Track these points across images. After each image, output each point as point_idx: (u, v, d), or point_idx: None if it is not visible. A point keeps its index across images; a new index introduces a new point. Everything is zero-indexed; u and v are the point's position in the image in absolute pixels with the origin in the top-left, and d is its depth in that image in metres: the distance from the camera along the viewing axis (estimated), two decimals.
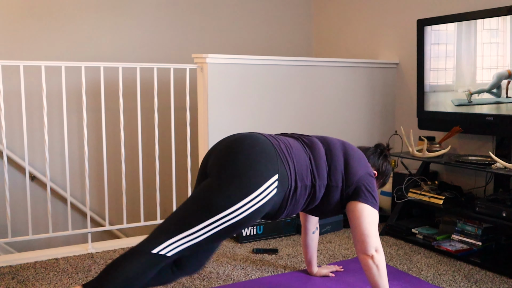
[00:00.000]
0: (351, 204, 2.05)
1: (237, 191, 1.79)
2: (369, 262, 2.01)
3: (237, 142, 1.91)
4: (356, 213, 2.03)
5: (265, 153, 1.87)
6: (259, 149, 1.88)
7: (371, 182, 2.09)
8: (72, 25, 3.77)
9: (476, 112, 3.02)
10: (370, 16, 4.03)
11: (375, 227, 2.04)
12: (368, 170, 2.11)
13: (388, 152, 2.35)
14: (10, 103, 3.34)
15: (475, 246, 2.83)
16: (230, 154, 1.87)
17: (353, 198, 2.05)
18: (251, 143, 1.89)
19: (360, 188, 2.04)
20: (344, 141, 2.17)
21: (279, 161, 1.89)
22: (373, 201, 2.05)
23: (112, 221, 3.59)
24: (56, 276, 2.53)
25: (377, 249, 2.02)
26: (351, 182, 2.04)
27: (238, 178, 1.81)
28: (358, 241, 2.03)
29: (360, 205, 2.03)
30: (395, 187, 3.37)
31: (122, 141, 3.07)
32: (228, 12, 4.30)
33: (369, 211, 2.03)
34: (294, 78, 3.44)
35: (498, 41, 2.88)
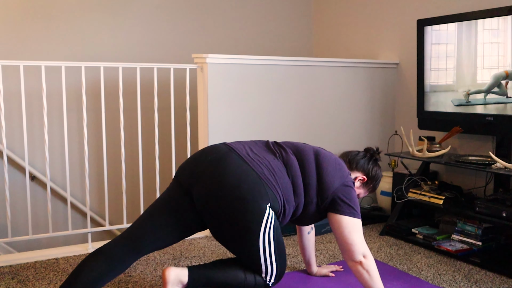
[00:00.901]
0: (329, 216, 2.10)
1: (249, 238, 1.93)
2: (358, 268, 2.04)
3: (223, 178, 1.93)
4: (335, 224, 2.07)
5: (250, 187, 1.92)
6: (244, 185, 1.92)
7: (347, 192, 2.08)
8: (72, 25, 3.77)
9: (476, 112, 3.02)
10: (370, 16, 4.03)
11: (358, 234, 2.05)
12: (344, 181, 2.10)
13: (378, 156, 2.34)
14: (10, 103, 3.34)
15: (475, 246, 2.83)
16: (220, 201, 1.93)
17: (330, 210, 2.08)
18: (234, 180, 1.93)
19: (335, 201, 2.06)
20: (319, 150, 2.16)
21: (267, 189, 1.94)
22: (350, 210, 2.06)
23: (112, 221, 3.59)
24: (56, 276, 2.53)
25: (365, 254, 2.04)
26: (325, 196, 2.06)
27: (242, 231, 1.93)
28: (344, 249, 2.07)
29: (338, 217, 2.06)
30: (395, 187, 3.37)
31: (122, 141, 3.07)
32: (228, 12, 4.30)
33: (347, 221, 2.05)
34: (294, 78, 3.44)
35: (499, 41, 2.88)
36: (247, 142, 2.14)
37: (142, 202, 3.18)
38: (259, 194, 1.92)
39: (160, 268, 2.63)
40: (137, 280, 2.46)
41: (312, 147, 2.18)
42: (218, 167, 1.96)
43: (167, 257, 2.80)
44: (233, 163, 1.96)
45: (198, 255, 2.84)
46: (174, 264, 2.69)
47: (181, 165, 2.12)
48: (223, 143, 2.11)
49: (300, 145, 2.17)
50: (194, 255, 2.84)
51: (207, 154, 2.05)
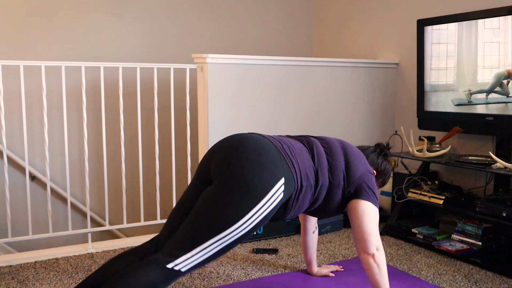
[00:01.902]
0: (353, 202, 2.04)
1: (246, 201, 1.79)
2: (370, 261, 2.00)
3: (240, 146, 1.88)
4: (358, 210, 2.02)
5: (269, 157, 1.85)
6: (262, 152, 1.86)
7: (372, 179, 2.09)
8: (72, 25, 3.77)
9: (476, 112, 3.02)
10: (370, 16, 4.03)
11: (376, 225, 2.04)
12: (368, 168, 2.11)
13: (388, 151, 2.35)
14: (10, 103, 3.34)
15: (475, 246, 2.83)
16: (234, 161, 1.84)
17: (354, 196, 2.04)
18: (254, 147, 1.87)
19: (361, 186, 2.04)
20: (342, 140, 2.17)
21: (284, 163, 1.87)
22: (374, 198, 2.05)
23: (112, 221, 3.59)
24: (56, 276, 2.53)
25: (378, 247, 2.01)
26: (352, 180, 2.03)
27: (244, 187, 1.79)
28: (360, 239, 2.02)
29: (363, 203, 2.02)
30: (395, 187, 3.37)
31: (122, 141, 3.07)
32: (228, 12, 4.30)
33: (371, 209, 2.03)
34: (294, 78, 3.44)
35: (500, 40, 2.88)
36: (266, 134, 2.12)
37: (142, 202, 3.18)
38: (275, 165, 1.84)
39: None
40: None
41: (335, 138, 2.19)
42: (238, 139, 1.92)
43: None
44: (254, 137, 1.94)
45: None
46: None
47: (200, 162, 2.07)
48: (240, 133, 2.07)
49: (322, 136, 2.18)
50: None
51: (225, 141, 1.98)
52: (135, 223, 3.21)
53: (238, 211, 1.78)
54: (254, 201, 1.79)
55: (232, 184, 1.80)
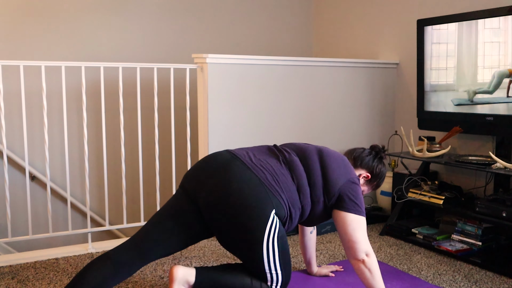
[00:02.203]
0: (335, 213, 2.09)
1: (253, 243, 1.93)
2: (360, 266, 2.04)
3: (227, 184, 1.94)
4: (340, 221, 2.06)
5: (256, 194, 1.93)
6: (249, 192, 1.92)
7: (353, 189, 2.09)
8: (72, 25, 3.77)
9: (476, 112, 3.02)
10: (370, 16, 4.03)
11: (362, 232, 2.05)
12: (349, 177, 2.10)
13: (383, 154, 2.34)
14: (10, 103, 3.34)
15: (475, 246, 2.83)
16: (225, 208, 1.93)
17: (336, 207, 2.08)
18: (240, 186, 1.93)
19: (341, 198, 2.06)
20: (322, 148, 2.16)
21: (271, 195, 1.94)
22: (356, 208, 2.06)
23: (112, 221, 3.59)
24: (56, 276, 2.53)
25: (368, 253, 2.04)
26: (332, 193, 2.06)
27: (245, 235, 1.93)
28: (347, 247, 2.06)
29: (343, 214, 2.05)
30: (395, 187, 3.37)
31: (122, 141, 3.07)
32: (228, 12, 4.30)
33: (352, 219, 2.05)
34: (294, 78, 3.44)
35: (500, 40, 2.88)
36: (250, 148, 2.14)
37: (142, 202, 3.18)
38: (263, 201, 1.92)
39: (160, 268, 2.63)
40: (137, 280, 2.46)
41: (315, 146, 2.18)
42: (222, 174, 1.97)
43: (167, 257, 2.80)
44: (237, 170, 1.96)
45: (198, 255, 2.84)
46: (174, 264, 2.69)
47: (186, 173, 2.12)
48: (226, 150, 2.10)
49: (302, 145, 2.17)
50: (194, 255, 2.84)
51: (211, 161, 2.05)
52: (135, 223, 3.21)
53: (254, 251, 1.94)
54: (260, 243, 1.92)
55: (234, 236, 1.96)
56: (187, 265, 2.70)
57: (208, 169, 2.03)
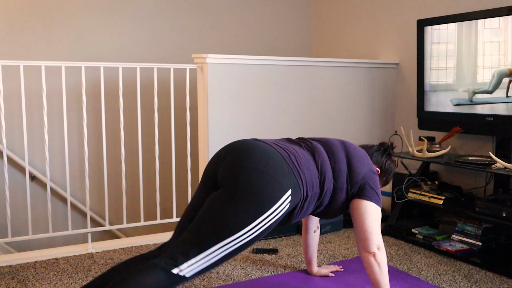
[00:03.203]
0: (355, 202, 2.06)
1: (253, 210, 1.80)
2: (371, 260, 2.02)
3: (248, 155, 1.88)
4: (361, 210, 2.03)
5: (277, 168, 1.86)
6: (271, 163, 1.87)
7: (375, 179, 2.10)
8: (72, 25, 3.77)
9: (476, 112, 3.02)
10: (370, 16, 4.03)
11: (378, 225, 2.05)
12: (371, 167, 2.12)
13: (392, 150, 2.36)
14: (10, 103, 3.34)
15: (475, 246, 2.83)
16: (242, 170, 1.84)
17: (357, 196, 2.05)
18: (262, 157, 1.87)
19: (364, 186, 2.05)
20: (344, 140, 2.18)
21: (291, 174, 1.89)
22: (377, 198, 2.06)
23: (112, 221, 3.59)
24: (56, 276, 2.53)
25: (379, 247, 2.03)
26: (355, 180, 2.04)
27: (252, 196, 1.80)
28: (361, 238, 2.03)
29: (365, 203, 2.04)
30: (395, 187, 3.37)
31: (122, 141, 3.07)
32: (228, 12, 4.30)
33: (373, 208, 2.04)
34: (294, 78, 3.44)
35: (500, 40, 2.88)
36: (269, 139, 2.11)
37: (142, 202, 3.18)
38: (283, 177, 1.86)
39: None
40: None
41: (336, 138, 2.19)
42: (246, 147, 1.92)
43: None
44: (262, 146, 1.94)
45: None
46: None
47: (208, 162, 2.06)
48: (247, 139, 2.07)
49: (325, 137, 2.18)
50: None
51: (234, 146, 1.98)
52: (135, 223, 3.21)
53: (244, 220, 1.78)
54: (261, 211, 1.81)
55: (240, 192, 1.81)
56: None
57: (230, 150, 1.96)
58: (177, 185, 3.34)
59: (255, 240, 1.85)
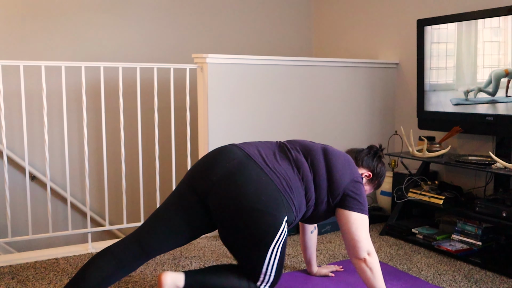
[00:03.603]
0: (338, 212, 2.09)
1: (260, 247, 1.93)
2: (362, 265, 2.05)
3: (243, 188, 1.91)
4: (343, 220, 2.07)
5: (272, 201, 1.92)
6: (265, 198, 1.91)
7: (357, 188, 2.09)
8: (72, 25, 3.77)
9: (476, 112, 3.02)
10: (370, 16, 4.03)
11: (365, 231, 2.06)
12: (353, 176, 2.11)
13: (381, 153, 2.35)
14: (10, 103, 3.34)
15: (475, 246, 2.83)
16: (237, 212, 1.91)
17: (339, 206, 2.08)
18: (257, 192, 1.91)
19: (345, 197, 2.07)
20: (327, 147, 2.15)
21: (285, 202, 1.94)
22: (359, 206, 2.06)
23: (112, 221, 3.59)
24: (56, 276, 2.53)
25: (369, 252, 2.04)
26: (336, 193, 2.06)
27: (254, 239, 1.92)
28: (349, 246, 2.07)
29: (347, 213, 2.06)
30: (395, 187, 3.37)
31: (122, 141, 3.07)
32: (228, 12, 4.30)
33: (356, 217, 2.05)
34: (294, 78, 3.44)
35: (499, 40, 2.88)
36: (259, 144, 2.10)
37: (142, 202, 3.18)
38: (277, 207, 1.92)
39: (160, 268, 2.63)
40: (137, 280, 2.46)
41: (320, 145, 2.17)
42: (237, 176, 1.93)
43: (167, 257, 2.80)
44: (253, 174, 1.94)
45: (198, 255, 2.84)
46: (174, 264, 2.69)
47: (193, 168, 2.09)
48: (235, 146, 2.06)
49: (308, 144, 2.15)
50: (194, 255, 2.84)
51: (222, 159, 1.99)
52: (135, 223, 3.21)
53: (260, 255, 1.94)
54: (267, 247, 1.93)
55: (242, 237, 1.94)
56: (187, 265, 2.70)
57: (220, 167, 1.97)
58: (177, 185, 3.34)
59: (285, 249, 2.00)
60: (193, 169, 2.08)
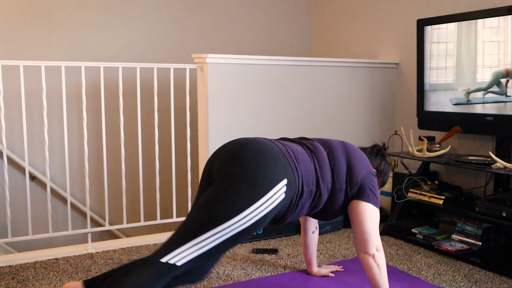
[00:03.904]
0: (353, 203, 2.06)
1: (246, 196, 1.77)
2: (370, 261, 2.02)
3: (244, 146, 1.90)
4: (359, 211, 2.03)
5: (274, 157, 1.86)
6: (267, 153, 1.87)
7: (373, 180, 2.10)
8: (72, 25, 3.77)
9: (476, 112, 3.02)
10: (370, 16, 4.03)
11: (377, 226, 2.05)
12: (370, 169, 2.12)
13: (385, 151, 2.36)
14: (10, 103, 3.34)
15: (475, 246, 2.83)
16: (237, 159, 1.85)
17: (356, 197, 2.05)
18: (258, 148, 1.88)
19: (363, 187, 2.05)
20: (344, 141, 2.18)
21: (287, 166, 1.88)
22: (375, 200, 2.06)
23: (112, 221, 3.59)
24: (56, 276, 2.53)
25: (378, 248, 2.03)
26: (355, 182, 2.04)
27: (246, 182, 1.79)
28: (360, 240, 2.03)
29: (363, 204, 2.04)
30: (395, 187, 3.37)
31: (122, 141, 3.07)
32: (228, 12, 4.30)
33: (372, 210, 2.04)
34: (294, 78, 3.44)
35: (499, 40, 2.88)
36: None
37: (142, 202, 3.18)
38: (279, 166, 1.85)
39: None
40: None
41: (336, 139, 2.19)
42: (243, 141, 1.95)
43: None
44: (259, 139, 1.96)
45: None
46: None
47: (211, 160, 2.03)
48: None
49: (326, 139, 2.17)
50: None
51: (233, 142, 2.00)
52: (135, 223, 3.21)
53: (237, 205, 1.76)
54: (255, 197, 1.78)
55: (234, 179, 1.80)
56: None
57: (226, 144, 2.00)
58: (177, 185, 3.34)
59: (249, 231, 1.80)
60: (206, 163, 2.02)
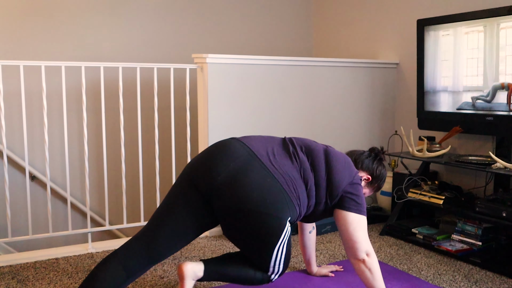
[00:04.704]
0: (336, 212, 2.10)
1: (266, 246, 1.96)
2: (361, 266, 2.05)
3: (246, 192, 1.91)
4: (341, 220, 2.07)
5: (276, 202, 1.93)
6: (269, 200, 1.92)
7: (355, 189, 2.09)
8: (72, 25, 3.77)
9: (476, 112, 3.02)
10: (370, 16, 4.03)
11: (363, 231, 2.06)
12: (353, 178, 2.10)
13: (383, 155, 2.34)
14: (10, 103, 3.34)
15: (475, 246, 2.83)
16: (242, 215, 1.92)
17: (337, 207, 2.09)
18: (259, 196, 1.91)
19: (343, 198, 2.07)
20: (328, 149, 2.14)
21: (290, 202, 1.96)
22: (357, 207, 2.06)
23: (112, 221, 3.59)
24: (56, 276, 2.53)
25: (368, 252, 2.04)
26: (335, 194, 2.07)
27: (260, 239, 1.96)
28: (348, 246, 2.07)
29: (344, 213, 2.06)
30: (395, 187, 3.37)
31: (122, 141, 3.07)
32: (228, 12, 4.30)
33: (353, 218, 2.05)
34: (294, 78, 3.44)
35: None
36: (262, 139, 2.09)
37: (142, 202, 3.18)
38: (282, 209, 1.93)
39: (160, 268, 2.63)
40: (137, 280, 2.46)
41: (322, 145, 2.16)
42: (242, 179, 1.92)
43: None
44: (258, 176, 1.94)
45: (198, 255, 2.84)
46: (174, 264, 2.69)
47: (193, 164, 2.06)
48: (238, 141, 2.04)
49: (311, 144, 2.15)
50: (194, 255, 2.84)
51: (226, 157, 1.97)
52: (135, 223, 3.21)
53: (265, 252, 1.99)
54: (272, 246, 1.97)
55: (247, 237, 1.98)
56: None
57: (223, 167, 1.95)
58: None
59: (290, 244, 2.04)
60: (194, 165, 2.05)
